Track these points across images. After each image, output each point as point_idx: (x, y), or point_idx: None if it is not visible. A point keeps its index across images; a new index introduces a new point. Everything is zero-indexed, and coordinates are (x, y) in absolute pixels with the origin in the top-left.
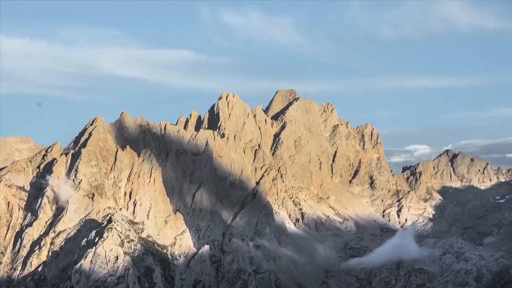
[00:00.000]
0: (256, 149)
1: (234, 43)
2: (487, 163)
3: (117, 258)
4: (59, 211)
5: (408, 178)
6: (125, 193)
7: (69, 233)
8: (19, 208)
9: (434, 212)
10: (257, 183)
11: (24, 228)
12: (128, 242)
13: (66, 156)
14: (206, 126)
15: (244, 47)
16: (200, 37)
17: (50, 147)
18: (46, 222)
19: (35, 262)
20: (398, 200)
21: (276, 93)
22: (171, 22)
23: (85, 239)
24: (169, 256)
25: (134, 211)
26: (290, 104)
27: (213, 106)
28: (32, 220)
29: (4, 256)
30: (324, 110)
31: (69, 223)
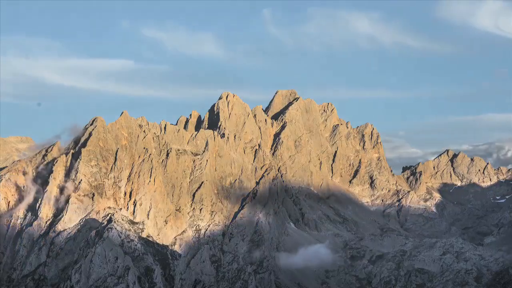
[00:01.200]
0: (256, 149)
1: (166, 56)
2: (487, 163)
3: (117, 258)
4: (59, 211)
5: (408, 178)
6: (125, 193)
7: (69, 233)
8: (19, 208)
9: (434, 212)
10: (257, 183)
11: (24, 228)
12: (128, 242)
13: (66, 156)
14: (206, 126)
15: (178, 59)
16: (132, 49)
17: (50, 147)
18: (46, 222)
19: (35, 262)
20: (398, 200)
21: (276, 93)
22: (98, 34)
23: (85, 239)
24: (169, 256)
25: (134, 211)
26: (290, 104)
27: (213, 106)
28: (32, 220)
29: (4, 256)
30: (324, 110)
31: (69, 223)
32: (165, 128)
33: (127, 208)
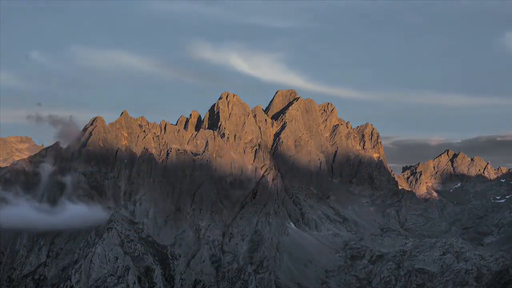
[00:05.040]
0: (256, 149)
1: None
2: (487, 163)
3: (117, 258)
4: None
5: (408, 178)
6: (125, 193)
7: (69, 233)
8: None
9: (434, 212)
10: (257, 183)
11: (24, 228)
12: (128, 242)
13: (66, 155)
14: (206, 126)
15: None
16: None
17: (50, 147)
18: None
19: (35, 262)
20: (398, 200)
21: (276, 93)
22: None
23: (85, 239)
24: (169, 256)
25: (134, 211)
26: (290, 104)
27: (213, 106)
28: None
29: (4, 256)
30: (324, 110)
31: (69, 223)
32: (165, 128)
33: (127, 208)
